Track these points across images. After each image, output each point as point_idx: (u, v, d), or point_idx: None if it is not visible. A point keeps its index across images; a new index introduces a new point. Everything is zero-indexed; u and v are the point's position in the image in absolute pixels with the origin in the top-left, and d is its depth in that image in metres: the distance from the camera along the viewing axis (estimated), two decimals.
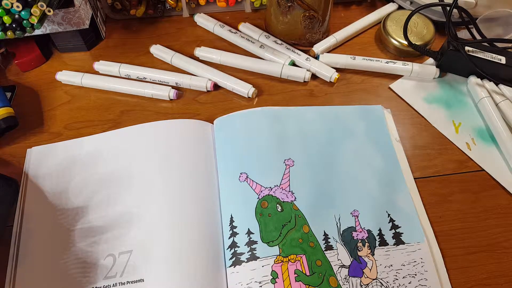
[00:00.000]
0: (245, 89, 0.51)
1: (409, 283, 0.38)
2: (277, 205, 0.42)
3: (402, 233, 0.41)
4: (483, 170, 0.46)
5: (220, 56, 0.54)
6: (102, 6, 0.58)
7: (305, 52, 0.55)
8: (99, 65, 0.53)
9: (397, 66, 0.53)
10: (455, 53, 0.50)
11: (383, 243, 0.40)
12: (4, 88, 0.51)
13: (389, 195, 0.43)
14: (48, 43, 0.57)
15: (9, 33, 0.46)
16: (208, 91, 0.52)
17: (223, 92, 0.52)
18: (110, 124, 0.49)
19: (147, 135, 0.46)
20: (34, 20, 0.44)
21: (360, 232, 0.41)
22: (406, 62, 0.53)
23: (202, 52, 0.55)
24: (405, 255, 0.39)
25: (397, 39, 0.55)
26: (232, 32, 0.57)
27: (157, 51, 0.55)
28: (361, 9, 0.62)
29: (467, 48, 0.50)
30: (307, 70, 0.52)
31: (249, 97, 0.51)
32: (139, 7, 0.58)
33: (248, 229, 0.40)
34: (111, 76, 0.53)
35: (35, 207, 0.42)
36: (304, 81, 0.52)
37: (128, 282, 0.38)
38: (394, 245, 0.40)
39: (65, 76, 0.52)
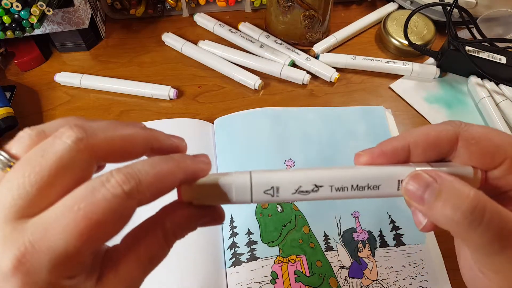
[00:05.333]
0: (252, 80, 0.51)
1: (410, 284, 0.38)
2: (278, 205, 0.41)
3: (403, 234, 0.41)
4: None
5: (222, 51, 0.54)
6: (101, 6, 0.58)
7: (305, 51, 0.55)
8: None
9: (397, 66, 0.53)
10: (456, 53, 0.50)
11: (384, 244, 0.40)
12: (4, 88, 0.51)
13: None
14: (48, 43, 0.56)
15: (8, 33, 0.46)
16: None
17: (224, 92, 0.52)
18: None
19: None
20: (34, 19, 0.44)
21: (361, 233, 0.41)
22: (406, 62, 0.53)
23: (205, 45, 0.55)
24: (406, 256, 0.39)
25: (398, 38, 0.55)
26: (232, 31, 0.57)
27: (169, 39, 0.56)
28: (361, 9, 0.62)
29: (467, 48, 0.50)
30: (307, 73, 0.52)
31: (255, 89, 0.52)
32: (139, 6, 0.58)
33: (248, 229, 0.40)
34: (110, 77, 0.53)
35: None
36: (303, 84, 0.52)
37: None
38: (394, 246, 0.40)
39: (64, 78, 0.52)
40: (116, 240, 0.18)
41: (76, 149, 0.17)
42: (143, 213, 0.19)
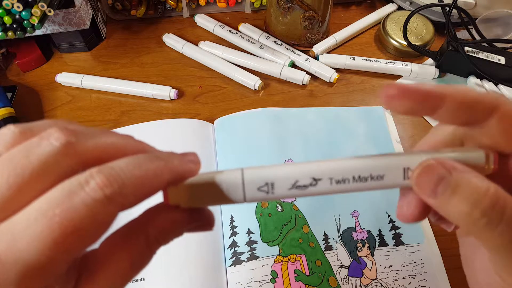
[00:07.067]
0: (252, 81, 0.52)
1: (409, 283, 0.38)
2: (277, 205, 0.42)
3: (402, 234, 0.41)
4: None
5: (223, 52, 0.54)
6: (102, 7, 0.58)
7: (305, 52, 0.55)
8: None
9: (397, 66, 0.53)
10: (455, 54, 0.50)
11: (383, 243, 0.40)
12: (5, 88, 0.51)
13: (389, 196, 0.43)
14: (49, 44, 0.57)
15: (9, 33, 0.46)
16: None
17: (224, 92, 0.53)
18: (111, 125, 0.49)
19: (148, 135, 0.46)
20: (35, 20, 0.45)
21: (360, 232, 0.41)
22: (405, 63, 0.53)
23: (206, 46, 0.55)
24: (405, 256, 0.40)
25: (397, 39, 0.55)
26: (232, 32, 0.57)
27: (170, 40, 0.56)
28: (361, 10, 0.62)
29: (466, 48, 0.50)
30: (306, 73, 0.52)
31: (255, 89, 0.52)
32: (140, 7, 0.58)
33: (248, 228, 0.40)
34: (111, 77, 0.53)
35: None
36: (303, 84, 0.52)
37: None
38: (394, 245, 0.40)
39: (65, 78, 0.52)
40: (94, 244, 0.17)
41: (64, 153, 0.16)
42: (124, 214, 0.18)
